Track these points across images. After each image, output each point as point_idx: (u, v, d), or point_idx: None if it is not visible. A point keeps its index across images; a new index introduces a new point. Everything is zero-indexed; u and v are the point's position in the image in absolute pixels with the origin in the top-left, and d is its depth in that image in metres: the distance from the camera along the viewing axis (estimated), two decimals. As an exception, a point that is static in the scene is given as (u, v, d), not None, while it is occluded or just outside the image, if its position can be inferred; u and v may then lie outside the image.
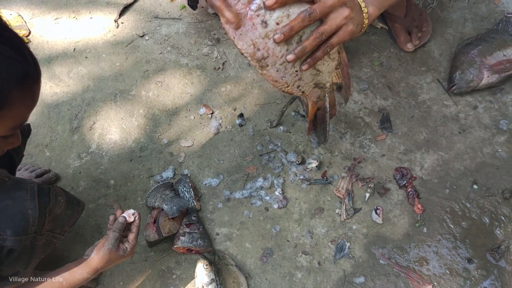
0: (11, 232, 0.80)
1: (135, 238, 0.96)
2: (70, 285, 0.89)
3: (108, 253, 0.90)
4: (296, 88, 0.81)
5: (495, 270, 1.16)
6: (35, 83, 0.70)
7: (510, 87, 1.42)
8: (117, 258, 0.92)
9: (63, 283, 0.88)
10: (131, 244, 0.94)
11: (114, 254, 0.91)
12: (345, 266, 1.16)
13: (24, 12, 1.60)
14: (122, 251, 0.92)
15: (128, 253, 0.93)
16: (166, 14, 1.59)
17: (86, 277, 0.90)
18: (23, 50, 0.67)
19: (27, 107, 0.71)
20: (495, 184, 1.27)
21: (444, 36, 1.51)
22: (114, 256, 0.91)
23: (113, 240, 0.91)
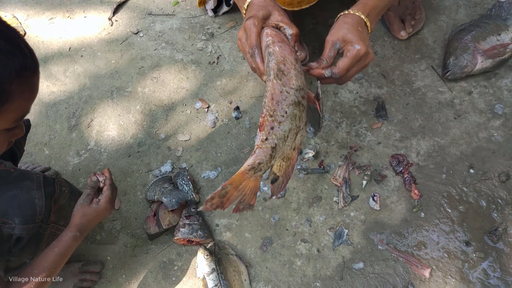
0: (19, 220, 0.82)
1: (108, 189, 0.98)
2: (61, 248, 0.90)
3: (81, 208, 0.94)
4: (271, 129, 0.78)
5: (493, 252, 1.17)
6: (34, 74, 0.71)
7: (505, 72, 1.42)
8: (92, 212, 0.95)
9: (54, 249, 0.89)
10: (103, 195, 0.97)
11: (87, 207, 0.94)
12: (344, 253, 1.18)
13: (19, 13, 1.61)
14: (95, 204, 0.95)
15: (102, 205, 0.95)
16: (160, 10, 1.60)
17: (72, 236, 0.91)
18: (20, 43, 0.68)
19: (28, 99, 0.72)
20: (492, 168, 1.28)
21: (437, 23, 1.52)
22: (88, 210, 0.94)
23: (85, 196, 0.95)
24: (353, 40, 0.83)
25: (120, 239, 1.21)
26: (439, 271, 1.15)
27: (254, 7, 0.86)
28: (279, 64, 0.79)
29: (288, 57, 0.80)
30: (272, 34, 0.82)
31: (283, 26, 0.83)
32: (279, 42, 0.81)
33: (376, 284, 1.14)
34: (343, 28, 0.85)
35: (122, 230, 1.23)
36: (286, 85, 0.78)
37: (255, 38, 0.82)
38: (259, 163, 0.79)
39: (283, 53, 0.80)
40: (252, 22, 0.82)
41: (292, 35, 0.83)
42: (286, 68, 0.79)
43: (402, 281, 1.14)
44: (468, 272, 1.15)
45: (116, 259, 1.19)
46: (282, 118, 0.78)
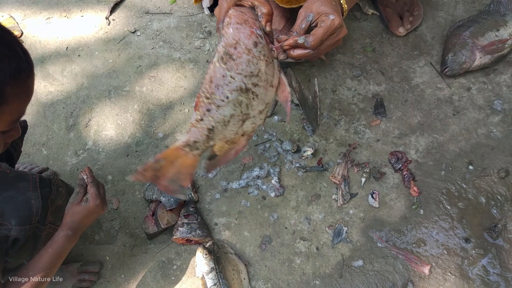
0: (16, 221, 0.82)
1: (91, 187, 0.98)
2: (54, 248, 0.90)
3: (71, 207, 0.94)
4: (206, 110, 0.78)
5: (492, 249, 1.17)
6: (29, 77, 0.71)
7: (503, 68, 1.42)
8: (82, 210, 0.95)
9: (48, 249, 0.89)
10: (89, 192, 0.97)
11: (76, 206, 0.95)
12: (343, 250, 1.17)
13: (16, 13, 1.61)
14: (84, 202, 0.95)
15: (90, 203, 0.95)
16: (157, 9, 1.59)
17: (63, 235, 0.91)
18: (14, 46, 0.68)
19: (23, 102, 0.72)
20: (491, 164, 1.27)
21: (435, 19, 1.51)
22: (77, 208, 0.94)
23: (74, 194, 0.96)
24: (327, 11, 0.79)
25: (119, 239, 1.21)
26: (439, 268, 1.15)
27: None
28: (228, 47, 0.75)
29: (243, 41, 0.74)
30: (233, 15, 0.77)
31: (256, 5, 0.78)
32: (237, 24, 0.75)
33: (376, 282, 1.14)
34: (317, 1, 0.81)
35: (121, 230, 1.22)
36: (231, 69, 0.75)
37: (224, 14, 0.78)
38: (195, 141, 0.78)
39: (238, 36, 0.75)
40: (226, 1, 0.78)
41: (264, 14, 0.77)
42: (236, 52, 0.74)
43: (401, 278, 1.14)
44: (467, 268, 1.15)
45: (115, 259, 1.18)
46: (221, 102, 0.76)
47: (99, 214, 0.99)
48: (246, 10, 0.78)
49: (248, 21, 0.76)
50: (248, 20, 0.76)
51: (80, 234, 0.95)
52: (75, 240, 0.94)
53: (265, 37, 0.78)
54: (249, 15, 0.78)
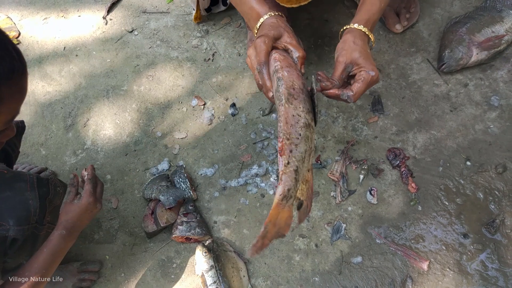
0: (14, 222, 0.82)
1: (87, 184, 0.99)
2: (50, 248, 0.90)
3: (64, 206, 0.95)
4: (290, 152, 0.78)
5: (491, 244, 1.17)
6: (22, 76, 0.71)
7: (500, 63, 1.42)
8: (75, 208, 0.95)
9: (43, 249, 0.89)
10: (84, 190, 0.98)
11: (69, 204, 0.96)
12: (342, 247, 1.18)
13: (13, 14, 1.61)
14: (77, 200, 0.96)
15: (83, 200, 0.96)
16: (154, 8, 1.59)
17: (58, 234, 0.91)
18: (7, 45, 0.68)
19: (17, 101, 0.72)
20: (488, 160, 1.28)
21: (432, 16, 1.52)
22: (70, 207, 0.95)
23: (67, 195, 0.97)
24: (366, 66, 0.86)
25: (119, 238, 1.21)
26: (437, 264, 1.15)
27: (266, 26, 0.91)
28: (289, 89, 0.81)
29: (296, 82, 0.83)
30: (280, 59, 0.85)
31: (290, 49, 0.87)
32: (287, 67, 0.84)
33: (375, 278, 1.14)
34: (355, 51, 0.87)
35: (120, 229, 1.23)
36: (297, 108, 0.80)
37: (264, 56, 0.85)
38: (289, 190, 0.76)
39: (291, 78, 0.83)
40: (262, 40, 0.86)
41: (299, 57, 0.86)
42: (295, 92, 0.82)
43: (400, 274, 1.14)
44: (466, 264, 1.15)
45: (114, 258, 1.19)
46: (297, 140, 0.78)
47: (94, 212, 0.99)
48: (286, 54, 0.87)
49: (292, 64, 0.86)
50: (292, 64, 0.86)
51: (76, 233, 0.95)
52: (71, 240, 0.94)
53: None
54: (290, 59, 0.87)
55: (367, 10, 0.94)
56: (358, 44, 0.89)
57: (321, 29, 1.51)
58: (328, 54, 1.46)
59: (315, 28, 1.52)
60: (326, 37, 1.50)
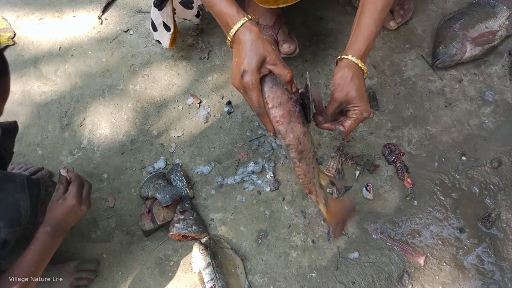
0: (4, 223, 0.81)
1: (72, 186, 0.96)
2: (36, 246, 0.89)
3: (50, 204, 0.93)
4: (313, 185, 0.96)
5: (487, 238, 1.18)
6: (4, 76, 0.71)
7: (494, 59, 1.43)
8: (59, 207, 0.93)
9: (30, 247, 0.88)
10: (69, 190, 0.95)
11: (54, 203, 0.94)
12: (339, 243, 1.18)
13: (8, 14, 1.61)
14: (62, 199, 0.94)
15: (67, 200, 0.94)
16: (149, 7, 1.59)
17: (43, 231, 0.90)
18: None
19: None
20: (483, 155, 1.28)
21: (426, 12, 1.52)
22: (55, 205, 0.93)
23: (55, 193, 0.95)
24: (361, 106, 0.90)
25: (115, 236, 1.21)
26: (434, 258, 1.16)
27: (243, 49, 0.83)
28: (298, 147, 0.87)
29: (299, 131, 0.86)
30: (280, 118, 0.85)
31: (277, 74, 0.85)
32: (288, 124, 0.85)
33: (372, 273, 1.15)
34: (352, 91, 0.89)
35: (117, 228, 1.23)
36: (307, 156, 0.90)
37: (257, 100, 0.84)
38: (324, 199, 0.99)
39: (296, 133, 0.86)
40: (250, 81, 0.82)
41: (287, 82, 0.85)
42: (302, 146, 0.88)
43: (397, 269, 1.15)
44: (462, 258, 1.16)
45: (112, 257, 1.19)
46: (313, 173, 0.94)
47: (79, 214, 0.96)
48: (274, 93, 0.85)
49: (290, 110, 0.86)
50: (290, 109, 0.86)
51: (63, 232, 0.94)
52: (58, 237, 0.93)
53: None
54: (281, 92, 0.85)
55: (365, 39, 0.93)
56: (355, 83, 0.90)
57: (316, 27, 1.52)
58: (322, 52, 1.47)
59: (309, 26, 1.52)
60: (321, 35, 1.50)
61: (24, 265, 0.86)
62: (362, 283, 1.13)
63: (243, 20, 0.84)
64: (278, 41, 1.36)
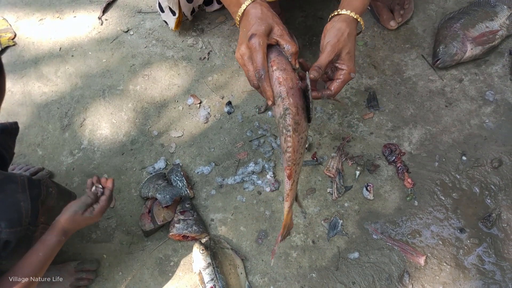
0: (5, 224, 0.81)
1: (106, 200, 0.97)
2: (45, 251, 0.89)
3: (74, 215, 0.92)
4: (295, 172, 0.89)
5: (487, 238, 1.18)
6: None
7: (495, 58, 1.43)
8: (83, 220, 0.93)
9: (38, 253, 0.88)
10: (99, 205, 0.96)
11: (80, 216, 0.92)
12: (339, 243, 1.18)
13: (9, 15, 1.61)
14: (89, 213, 0.93)
15: (95, 215, 0.94)
16: (149, 8, 1.59)
17: (56, 240, 0.90)
18: None
19: None
20: (484, 154, 1.28)
21: (426, 12, 1.52)
22: (79, 218, 0.93)
23: (82, 204, 0.93)
24: (349, 65, 0.88)
25: (116, 236, 1.22)
26: (434, 258, 1.15)
27: (253, 18, 0.83)
28: (295, 118, 0.82)
29: (299, 102, 0.82)
30: (283, 80, 0.81)
31: (283, 45, 0.83)
32: (291, 89, 0.81)
33: (372, 273, 1.15)
34: (346, 46, 0.87)
35: (118, 228, 1.23)
36: (301, 132, 0.83)
37: (262, 61, 0.81)
38: (293, 198, 0.91)
39: (296, 102, 0.81)
40: (257, 42, 0.80)
41: (292, 54, 0.83)
42: (299, 117, 0.82)
43: (397, 269, 1.15)
44: (463, 258, 1.16)
45: (112, 257, 1.19)
46: (300, 159, 0.86)
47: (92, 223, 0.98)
48: (281, 57, 0.84)
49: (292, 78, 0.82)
50: (292, 77, 0.82)
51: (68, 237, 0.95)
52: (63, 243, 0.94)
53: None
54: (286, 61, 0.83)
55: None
56: (351, 40, 0.88)
57: (316, 27, 1.52)
58: (323, 52, 1.47)
59: (309, 26, 1.52)
60: (320, 35, 1.49)
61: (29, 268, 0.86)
62: (362, 283, 1.13)
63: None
64: (278, 41, 1.35)
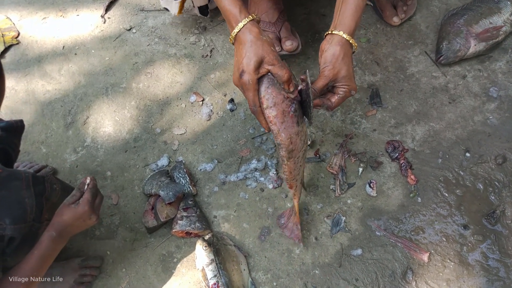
0: (10, 220, 0.82)
1: (88, 192, 0.97)
2: (40, 250, 0.89)
3: (61, 207, 0.94)
4: (295, 181, 1.02)
5: (491, 235, 1.17)
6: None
7: (498, 55, 1.42)
8: (69, 212, 0.93)
9: (34, 251, 0.88)
10: (83, 197, 0.96)
11: (66, 207, 0.94)
12: (342, 240, 1.18)
13: (12, 14, 1.62)
14: (74, 205, 0.94)
15: (79, 207, 0.94)
16: (152, 6, 1.60)
17: (48, 235, 0.90)
18: None
19: None
20: (488, 151, 1.27)
21: (429, 8, 1.51)
22: (66, 210, 0.93)
23: (69, 197, 0.95)
24: (350, 84, 0.94)
25: (119, 233, 1.22)
26: (438, 255, 1.15)
27: (243, 48, 0.87)
28: (288, 147, 0.90)
29: (292, 131, 0.88)
30: (274, 119, 0.87)
31: (275, 74, 0.87)
32: (281, 124, 0.87)
33: (375, 270, 1.14)
34: (343, 70, 0.92)
35: (121, 225, 1.23)
36: (296, 155, 0.93)
37: (253, 99, 0.88)
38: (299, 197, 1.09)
39: (289, 133, 0.88)
40: (247, 80, 0.86)
41: (284, 83, 0.86)
42: (294, 146, 0.90)
43: (400, 266, 1.14)
44: (466, 255, 1.15)
45: (115, 254, 1.19)
46: (299, 170, 0.98)
47: (88, 223, 0.97)
48: (269, 93, 0.87)
49: (285, 110, 0.87)
50: (285, 109, 0.87)
51: (66, 237, 0.94)
52: (61, 243, 0.93)
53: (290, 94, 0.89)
54: (276, 93, 0.87)
55: (354, 14, 0.95)
56: (346, 62, 0.92)
57: (318, 24, 1.51)
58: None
59: (312, 23, 1.52)
60: (323, 32, 1.49)
61: (27, 269, 0.86)
62: (365, 280, 1.13)
63: (245, 21, 0.89)
64: (280, 38, 1.35)
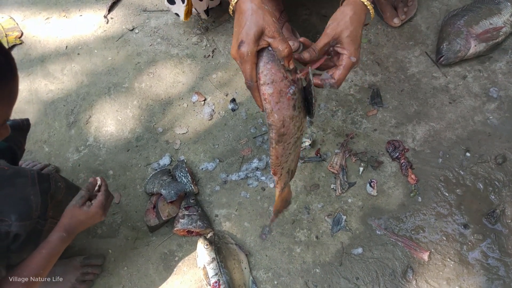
0: (16, 217, 0.83)
1: (101, 195, 0.98)
2: (48, 249, 0.90)
3: (72, 209, 0.94)
4: (281, 169, 0.92)
5: (491, 234, 1.17)
6: (11, 81, 0.71)
7: (499, 55, 1.43)
8: (82, 214, 0.94)
9: (42, 250, 0.89)
10: (97, 199, 0.97)
11: (77, 209, 0.94)
12: (343, 239, 1.19)
13: (16, 14, 1.63)
14: (86, 207, 0.95)
15: (92, 209, 0.95)
16: (155, 6, 1.61)
17: (58, 236, 0.91)
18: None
19: (7, 105, 0.73)
20: (488, 151, 1.28)
21: (430, 9, 1.52)
22: (78, 212, 0.94)
23: (78, 197, 0.95)
24: (349, 48, 0.83)
25: (121, 232, 1.23)
26: (438, 254, 1.16)
27: (244, 17, 0.79)
28: (279, 130, 0.81)
29: (287, 114, 0.80)
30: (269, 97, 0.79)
31: (275, 47, 0.79)
32: (277, 104, 0.79)
33: (376, 269, 1.15)
34: (346, 30, 0.83)
35: (123, 223, 1.24)
36: (287, 141, 0.84)
37: (250, 73, 0.79)
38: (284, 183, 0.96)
39: (282, 115, 0.80)
40: (245, 51, 0.77)
41: (285, 58, 0.79)
42: (285, 129, 0.82)
43: (401, 265, 1.15)
44: (466, 254, 1.16)
45: (117, 252, 1.20)
46: (287, 158, 0.89)
47: (96, 222, 0.99)
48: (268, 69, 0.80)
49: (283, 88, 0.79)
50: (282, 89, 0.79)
51: (73, 236, 0.95)
52: (69, 241, 0.94)
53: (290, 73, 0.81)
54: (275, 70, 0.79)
55: None
56: (353, 22, 0.83)
57: (320, 25, 1.52)
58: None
59: (313, 24, 1.53)
60: (324, 32, 1.51)
61: (33, 266, 0.87)
62: (366, 279, 1.14)
63: None
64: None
